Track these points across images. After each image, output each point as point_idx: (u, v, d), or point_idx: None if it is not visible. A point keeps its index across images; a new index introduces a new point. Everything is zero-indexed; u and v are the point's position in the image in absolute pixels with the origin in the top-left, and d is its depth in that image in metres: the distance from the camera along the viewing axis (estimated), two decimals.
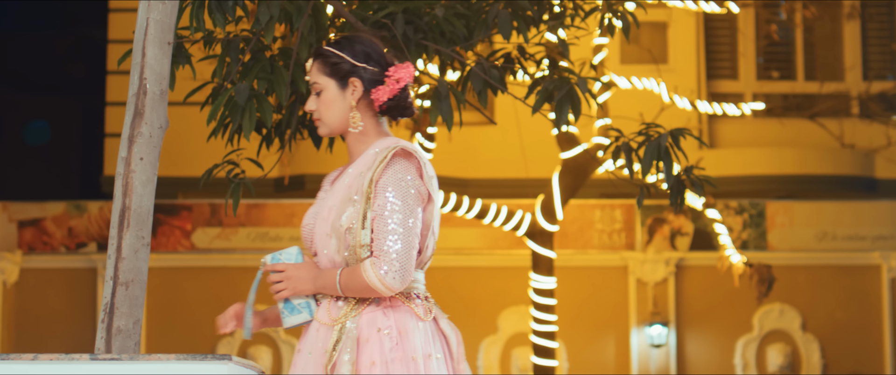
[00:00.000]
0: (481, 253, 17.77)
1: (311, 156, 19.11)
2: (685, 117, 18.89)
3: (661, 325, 17.44)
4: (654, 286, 17.59)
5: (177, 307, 17.61)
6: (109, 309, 4.32)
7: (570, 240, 17.72)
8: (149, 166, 4.48)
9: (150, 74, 4.52)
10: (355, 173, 4.06)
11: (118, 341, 4.30)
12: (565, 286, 17.07)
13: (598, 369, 17.55)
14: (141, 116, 4.49)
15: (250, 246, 17.67)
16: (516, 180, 18.22)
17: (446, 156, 18.86)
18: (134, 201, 4.41)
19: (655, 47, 19.49)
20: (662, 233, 17.69)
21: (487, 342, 17.77)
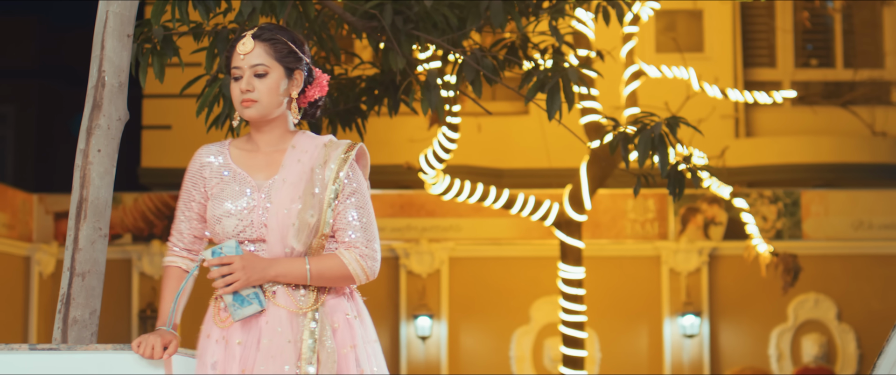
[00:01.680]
0: (513, 243, 17.75)
1: None
2: (720, 106, 18.77)
3: (693, 315, 17.34)
4: (687, 276, 17.49)
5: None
6: (66, 300, 4.35)
7: (602, 230, 17.66)
8: (107, 157, 4.51)
9: (109, 66, 4.54)
10: (307, 167, 4.02)
11: (74, 331, 4.34)
12: (598, 276, 17.02)
13: (630, 359, 17.49)
14: (99, 109, 4.52)
15: None
16: (549, 170, 18.18)
17: (478, 146, 18.86)
18: (91, 193, 4.44)
19: (691, 36, 19.37)
20: (696, 222, 17.58)
21: (519, 332, 17.75)
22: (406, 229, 17.80)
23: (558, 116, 6.79)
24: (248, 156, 4.02)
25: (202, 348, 3.99)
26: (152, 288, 17.70)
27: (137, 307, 17.58)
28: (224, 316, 3.98)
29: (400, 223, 17.81)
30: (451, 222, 17.80)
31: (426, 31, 6.69)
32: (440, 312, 17.69)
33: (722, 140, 18.76)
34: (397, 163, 16.04)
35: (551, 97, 6.67)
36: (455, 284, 17.75)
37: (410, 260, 17.70)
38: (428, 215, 17.81)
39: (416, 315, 17.61)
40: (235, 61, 4.01)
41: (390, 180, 18.17)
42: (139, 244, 17.75)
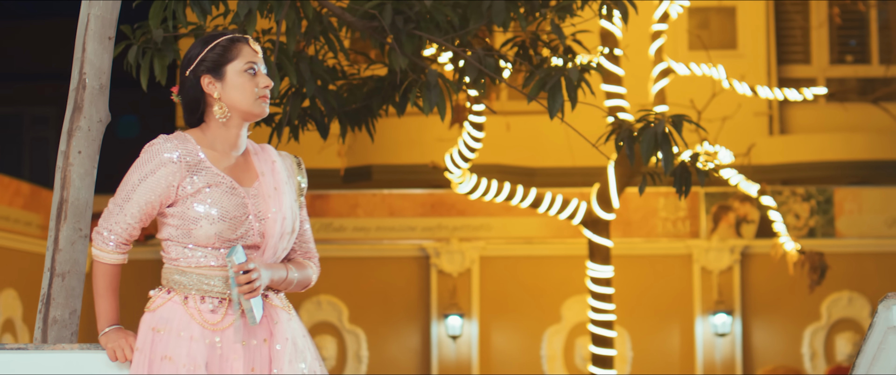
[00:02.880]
0: (544, 242, 17.73)
1: (378, 147, 19.21)
2: (753, 104, 18.67)
3: (725, 314, 17.26)
4: (719, 275, 17.41)
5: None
6: (46, 300, 4.39)
7: (634, 228, 17.60)
8: (87, 159, 4.54)
9: (90, 68, 4.58)
10: (284, 175, 4.07)
11: (54, 331, 4.37)
12: (629, 274, 16.99)
13: (662, 358, 17.42)
14: (80, 111, 4.56)
15: (314, 237, 17.74)
16: (580, 169, 18.14)
17: (508, 145, 18.85)
18: (72, 194, 4.48)
19: (724, 33, 19.28)
20: (727, 221, 17.49)
21: (550, 331, 17.72)
22: (437, 229, 17.82)
23: (560, 115, 6.78)
24: (222, 158, 3.99)
25: (172, 346, 3.85)
26: None
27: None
28: (215, 319, 3.92)
29: (430, 223, 17.83)
30: (481, 221, 17.80)
31: (428, 30, 6.70)
32: (471, 311, 17.70)
33: (754, 138, 18.66)
34: (427, 163, 16.06)
35: (552, 96, 6.66)
36: (486, 283, 17.75)
37: (441, 259, 17.72)
38: (458, 214, 17.82)
39: (447, 315, 17.62)
40: (251, 57, 4.01)
41: (421, 179, 18.19)
42: None
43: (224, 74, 3.98)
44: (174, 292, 3.92)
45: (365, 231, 17.84)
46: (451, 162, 13.35)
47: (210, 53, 3.98)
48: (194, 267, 3.91)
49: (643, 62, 14.35)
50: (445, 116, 6.66)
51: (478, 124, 13.11)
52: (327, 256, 17.89)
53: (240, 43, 4.03)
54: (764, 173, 18.04)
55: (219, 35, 4.03)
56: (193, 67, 3.98)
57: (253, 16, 6.08)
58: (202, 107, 3.99)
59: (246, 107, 3.98)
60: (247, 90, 3.98)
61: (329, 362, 17.78)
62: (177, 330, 3.88)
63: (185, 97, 3.99)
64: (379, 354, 17.76)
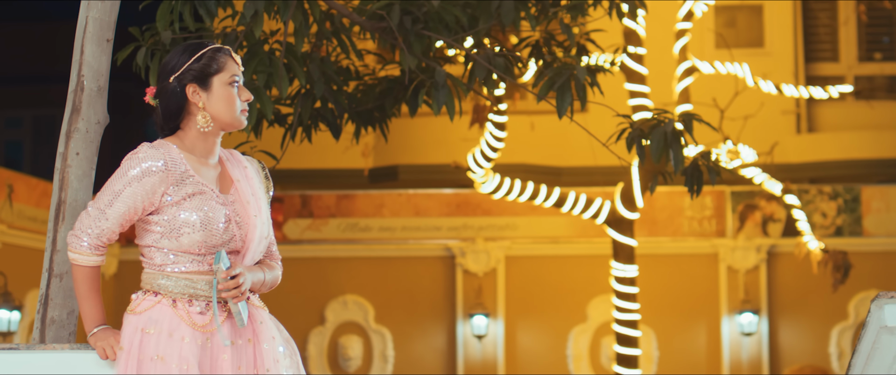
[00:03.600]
0: (570, 241, 17.71)
1: (404, 147, 19.23)
2: (781, 102, 18.58)
3: (752, 313, 17.19)
4: (746, 274, 17.34)
5: (269, 297, 17.78)
6: (44, 300, 4.42)
7: (660, 227, 17.56)
8: (85, 160, 4.57)
9: (88, 71, 4.61)
10: (256, 182, 4.14)
11: (52, 331, 4.40)
12: (655, 274, 16.95)
13: (689, 357, 17.37)
14: (78, 112, 4.58)
15: (341, 237, 17.84)
16: (607, 168, 18.11)
17: (533, 144, 18.83)
18: (70, 195, 4.51)
19: (751, 31, 19.20)
20: (754, 220, 17.42)
21: (577, 331, 17.70)
22: (462, 229, 17.83)
23: (569, 113, 6.77)
24: (200, 166, 4.06)
25: (163, 346, 3.92)
26: None
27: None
28: (203, 320, 3.99)
29: (456, 222, 17.84)
30: (507, 220, 17.80)
31: (436, 30, 6.71)
32: (496, 311, 17.70)
33: (782, 136, 18.58)
34: (450, 163, 16.07)
35: (561, 95, 6.65)
36: (511, 282, 17.75)
37: (466, 259, 17.72)
38: (484, 213, 17.82)
39: (473, 314, 17.63)
40: (235, 70, 4.10)
41: (447, 179, 18.20)
42: None
43: (210, 85, 4.04)
44: (161, 295, 3.96)
45: (391, 231, 17.87)
46: (473, 162, 13.35)
47: (197, 62, 4.03)
48: (180, 272, 3.98)
49: (667, 61, 14.31)
50: (454, 116, 6.67)
51: (500, 124, 13.11)
52: (353, 256, 17.98)
53: (225, 55, 4.10)
54: (791, 172, 17.97)
55: (202, 45, 4.09)
56: (179, 74, 4.03)
57: (259, 17, 6.11)
58: (182, 115, 4.04)
59: (229, 118, 4.06)
60: (231, 102, 4.06)
61: (355, 361, 17.82)
62: (168, 331, 3.94)
63: (166, 104, 4.03)
64: (405, 354, 17.78)
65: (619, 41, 13.66)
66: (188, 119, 4.05)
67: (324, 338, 17.89)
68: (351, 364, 17.81)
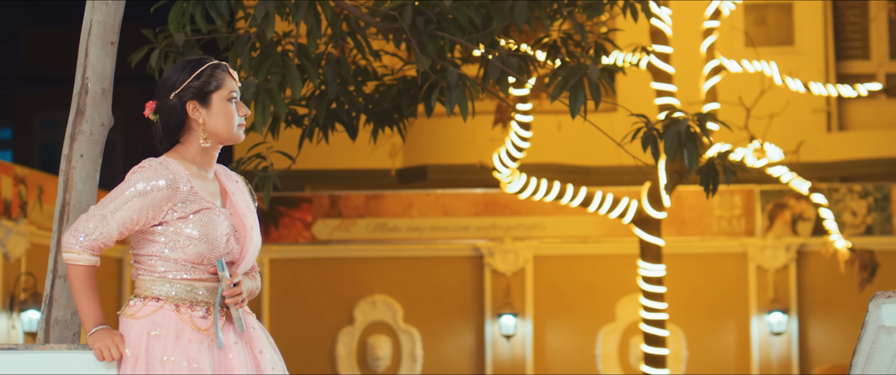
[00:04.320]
0: (598, 241, 17.68)
1: (432, 147, 19.24)
2: (811, 100, 18.49)
3: (781, 313, 17.11)
4: (775, 273, 17.27)
5: (298, 297, 17.94)
6: (48, 301, 4.46)
7: (688, 227, 17.51)
8: (90, 162, 4.60)
9: (92, 73, 4.64)
10: (247, 195, 4.30)
11: (56, 331, 4.44)
12: (684, 273, 16.90)
13: (718, 357, 17.32)
14: (82, 115, 4.62)
15: (369, 237, 17.89)
16: (637, 167, 18.06)
17: (561, 144, 18.81)
18: (74, 197, 4.54)
19: (781, 29, 19.12)
20: (783, 218, 17.34)
21: (605, 330, 17.68)
22: (491, 228, 17.84)
23: (582, 112, 6.77)
24: (200, 180, 4.16)
25: (171, 349, 4.02)
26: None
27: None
28: (206, 324, 4.10)
29: (484, 222, 17.85)
30: (535, 220, 17.79)
31: (450, 31, 6.72)
32: (525, 310, 17.69)
33: (812, 134, 18.49)
34: (476, 162, 16.09)
35: (574, 95, 6.65)
36: (540, 282, 17.74)
37: (495, 259, 17.73)
38: (512, 213, 17.83)
39: (501, 314, 17.63)
40: (233, 86, 4.20)
41: (476, 179, 18.21)
42: None
43: (210, 102, 4.14)
44: (162, 300, 4.05)
45: (419, 231, 17.89)
46: (499, 162, 13.36)
47: (196, 80, 4.13)
48: (182, 279, 4.08)
49: (695, 60, 14.27)
50: (468, 116, 6.68)
51: (525, 124, 13.11)
52: (382, 256, 18.02)
53: (223, 71, 4.20)
54: (821, 170, 17.88)
55: (201, 62, 4.19)
56: (179, 91, 4.12)
57: (271, 18, 6.14)
58: (182, 131, 4.14)
59: (227, 134, 4.17)
60: (230, 118, 4.16)
61: (384, 361, 17.87)
62: (175, 334, 4.04)
63: (167, 120, 4.12)
64: (433, 353, 17.81)
65: (646, 40, 13.64)
66: (188, 134, 4.15)
67: (353, 338, 17.94)
68: (380, 363, 17.85)
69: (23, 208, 15.87)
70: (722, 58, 13.83)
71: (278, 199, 18.21)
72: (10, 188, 15.77)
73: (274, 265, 17.99)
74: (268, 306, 17.92)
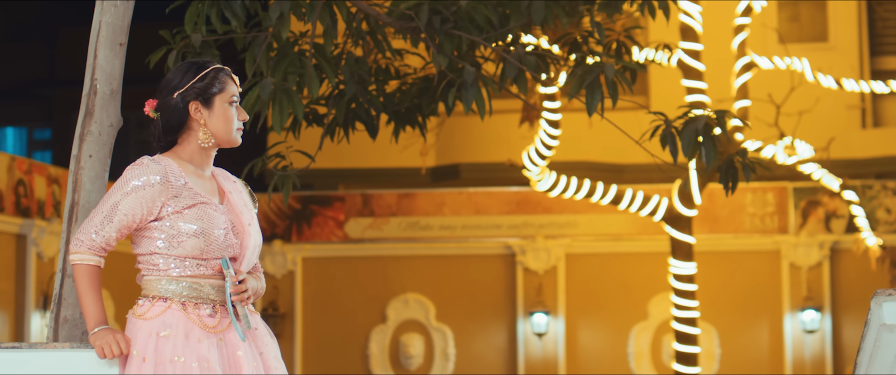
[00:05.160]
0: (630, 239, 17.65)
1: (465, 145, 19.25)
2: (846, 97, 18.39)
3: (814, 310, 17.02)
4: (808, 270, 17.18)
5: (331, 296, 18.00)
6: (58, 300, 4.49)
7: (721, 224, 17.44)
8: (98, 162, 4.64)
9: (101, 74, 4.68)
10: (245, 195, 4.35)
11: (65, 330, 4.47)
12: (716, 271, 16.84)
13: (751, 355, 17.25)
14: (91, 115, 4.66)
15: (401, 236, 17.92)
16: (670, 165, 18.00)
17: (593, 141, 18.78)
18: (83, 197, 4.58)
19: (815, 26, 19.02)
20: (816, 216, 17.25)
21: (637, 328, 17.64)
22: (523, 226, 17.84)
23: (600, 109, 6.76)
24: (197, 179, 4.22)
25: (181, 348, 4.06)
26: (275, 287, 18.03)
27: (260, 305, 17.94)
28: (213, 322, 4.14)
29: (516, 220, 17.85)
30: (567, 218, 17.77)
31: (467, 30, 6.72)
32: (557, 308, 17.68)
33: (847, 131, 18.38)
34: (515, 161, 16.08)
35: (591, 93, 6.65)
36: (572, 280, 17.72)
37: (527, 257, 17.73)
38: (544, 211, 17.82)
39: (533, 312, 17.63)
40: (234, 91, 4.29)
41: (508, 177, 18.22)
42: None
43: (212, 103, 4.21)
44: (170, 300, 4.09)
45: (451, 230, 17.91)
46: (528, 160, 13.36)
47: (200, 81, 4.21)
48: (186, 276, 4.12)
49: (726, 56, 14.22)
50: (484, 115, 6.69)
51: (553, 122, 13.10)
52: (414, 254, 18.04)
53: (226, 76, 4.28)
54: (856, 167, 17.78)
55: (205, 65, 4.26)
56: (182, 91, 4.19)
57: (286, 18, 6.16)
58: (182, 130, 4.21)
59: (226, 137, 4.24)
60: (230, 121, 4.24)
61: (416, 359, 17.90)
62: (184, 334, 4.08)
63: (168, 119, 4.19)
64: (466, 352, 17.83)
65: (677, 38, 13.60)
66: (187, 134, 4.21)
67: (385, 336, 17.98)
68: (412, 362, 17.88)
69: (57, 207, 16.01)
70: (753, 54, 13.78)
71: (311, 198, 18.27)
72: (43, 188, 15.91)
73: (307, 263, 18.06)
74: (301, 304, 17.99)
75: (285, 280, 18.03)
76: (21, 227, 15.67)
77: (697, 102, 13.15)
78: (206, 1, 6.04)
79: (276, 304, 17.93)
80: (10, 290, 15.52)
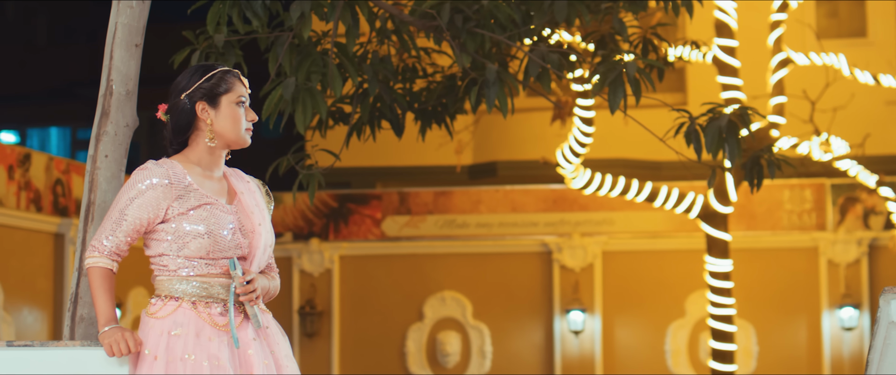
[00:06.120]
0: (667, 236, 17.60)
1: (502, 143, 19.26)
2: (886, 93, 18.25)
3: (852, 308, 16.91)
4: (846, 268, 17.07)
5: (368, 294, 18.04)
6: (74, 299, 4.54)
7: (758, 221, 17.36)
8: (114, 162, 4.69)
9: (117, 75, 4.73)
10: (258, 196, 4.38)
11: (81, 328, 4.52)
12: (753, 268, 16.77)
13: (789, 352, 17.16)
14: (107, 116, 4.71)
15: (438, 234, 17.94)
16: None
17: (630, 139, 18.73)
18: (98, 197, 4.63)
19: (853, 21, 18.90)
20: (855, 212, 17.14)
21: (674, 326, 17.58)
22: (559, 224, 17.82)
23: (622, 106, 6.76)
24: (205, 179, 4.26)
25: (192, 346, 4.11)
26: (312, 285, 18.11)
27: (297, 303, 18.01)
28: (223, 321, 4.19)
29: (553, 218, 17.84)
30: (603, 216, 17.74)
31: (489, 28, 6.73)
32: (594, 306, 17.65)
33: (885, 127, 18.26)
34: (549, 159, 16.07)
35: (613, 90, 6.64)
36: (608, 278, 17.69)
37: (563, 255, 17.71)
38: (581, 209, 17.79)
39: (570, 310, 17.61)
40: (242, 91, 4.33)
41: (545, 174, 18.20)
42: (299, 242, 18.18)
43: (219, 104, 4.26)
44: (181, 299, 4.13)
45: (488, 228, 17.92)
46: (562, 158, 13.35)
47: (207, 82, 4.26)
48: (195, 276, 4.16)
49: (762, 53, 14.16)
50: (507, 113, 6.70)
51: (587, 119, 13.09)
52: (450, 252, 18.06)
53: (234, 77, 4.32)
54: (894, 163, 17.65)
55: (213, 66, 4.30)
56: (190, 92, 4.24)
57: (307, 18, 6.19)
58: (191, 131, 4.25)
59: (234, 136, 4.27)
60: (237, 121, 4.27)
61: (453, 357, 17.93)
62: (194, 332, 4.13)
63: (177, 120, 4.25)
64: (502, 349, 17.83)
65: (711, 34, 13.57)
66: (196, 135, 4.25)
67: (422, 334, 18.01)
68: (449, 360, 17.91)
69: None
70: (789, 51, 13.71)
71: (348, 196, 18.33)
72: (81, 188, 16.04)
73: (344, 262, 18.12)
74: (338, 303, 18.05)
75: (322, 279, 18.09)
76: (59, 226, 15.81)
77: (732, 99, 13.11)
78: (228, 1, 6.08)
79: (314, 302, 18.00)
80: (49, 289, 15.66)
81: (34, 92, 27.16)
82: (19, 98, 27.26)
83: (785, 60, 13.65)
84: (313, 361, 17.82)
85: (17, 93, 27.12)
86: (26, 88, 27.07)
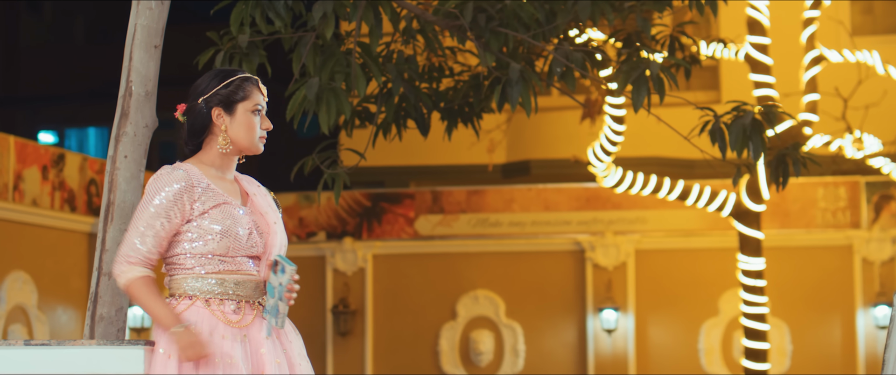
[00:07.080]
0: (700, 234, 17.55)
1: (536, 142, 19.25)
2: None
3: (887, 306, 16.81)
4: (881, 266, 16.98)
5: (401, 292, 18.08)
6: (94, 298, 4.58)
7: (792, 219, 17.29)
8: (134, 163, 4.73)
9: (136, 76, 4.77)
10: (269, 199, 4.44)
11: (101, 327, 4.56)
12: (788, 266, 16.69)
13: (823, 351, 17.08)
14: (127, 117, 4.75)
15: (471, 232, 17.95)
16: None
17: (663, 137, 18.67)
18: (118, 197, 4.67)
19: (888, 17, 18.79)
20: (890, 210, 17.05)
21: (708, 324, 17.53)
22: (592, 222, 17.80)
23: (646, 104, 6.76)
24: (219, 182, 4.31)
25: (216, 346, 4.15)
26: (345, 284, 18.15)
27: (331, 302, 18.06)
28: (236, 318, 4.22)
29: (585, 216, 17.82)
30: (636, 214, 17.71)
31: (513, 27, 6.74)
32: (626, 305, 17.63)
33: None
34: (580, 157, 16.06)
35: (636, 89, 6.65)
36: (641, 276, 17.66)
37: (596, 253, 17.69)
38: (613, 207, 17.77)
39: (603, 308, 17.59)
40: (259, 100, 4.36)
41: (578, 173, 18.18)
42: (332, 241, 18.23)
43: (234, 110, 4.30)
44: (195, 297, 4.17)
45: (520, 226, 17.92)
46: (593, 156, 13.34)
47: (225, 88, 4.30)
48: (211, 273, 4.20)
49: (795, 50, 14.10)
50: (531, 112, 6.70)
51: (617, 118, 13.07)
52: (483, 251, 18.08)
53: (252, 84, 4.35)
54: None
55: (232, 72, 4.34)
56: (207, 97, 4.28)
57: (329, 18, 6.21)
58: (205, 134, 4.29)
59: (247, 144, 4.32)
60: (252, 129, 4.32)
61: (486, 356, 17.94)
62: (208, 330, 4.16)
63: (192, 123, 4.30)
64: (535, 348, 17.83)
65: (744, 31, 13.52)
66: (210, 139, 4.30)
67: (455, 333, 18.03)
68: (482, 358, 17.92)
69: None
70: (822, 48, 13.65)
71: (381, 195, 18.38)
72: None
73: (377, 260, 18.17)
74: (371, 301, 18.09)
75: (356, 277, 18.14)
76: (93, 226, 15.91)
77: (764, 97, 13.07)
78: (251, 1, 6.12)
79: (347, 301, 18.04)
80: (83, 288, 15.76)
81: (72, 92, 27.35)
82: (57, 99, 27.46)
83: (818, 57, 13.58)
84: (347, 360, 17.88)
85: (55, 93, 27.33)
86: (64, 89, 27.27)
